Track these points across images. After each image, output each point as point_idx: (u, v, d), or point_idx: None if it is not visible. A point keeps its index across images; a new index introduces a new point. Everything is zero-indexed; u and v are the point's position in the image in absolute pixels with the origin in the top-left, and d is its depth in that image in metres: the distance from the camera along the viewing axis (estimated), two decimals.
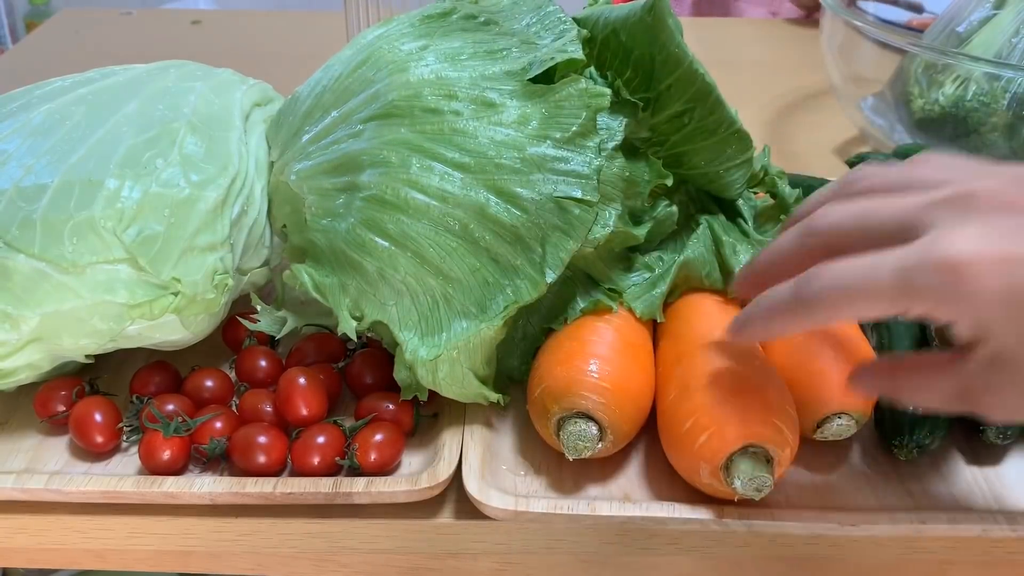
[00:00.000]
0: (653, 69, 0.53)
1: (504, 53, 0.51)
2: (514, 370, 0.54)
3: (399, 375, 0.50)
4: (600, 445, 0.47)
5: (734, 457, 0.44)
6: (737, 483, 0.44)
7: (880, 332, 0.54)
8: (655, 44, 0.52)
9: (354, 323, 0.50)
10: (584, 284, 0.53)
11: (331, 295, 0.50)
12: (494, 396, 0.51)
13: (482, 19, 0.53)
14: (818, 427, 0.49)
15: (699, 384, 0.47)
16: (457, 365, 0.49)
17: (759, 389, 0.47)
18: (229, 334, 0.57)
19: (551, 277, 0.47)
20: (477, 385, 0.50)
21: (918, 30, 0.81)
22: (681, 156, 0.55)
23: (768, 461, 0.45)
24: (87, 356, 0.52)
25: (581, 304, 0.52)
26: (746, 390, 0.46)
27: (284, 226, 0.56)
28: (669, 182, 0.54)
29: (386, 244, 0.48)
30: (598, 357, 0.48)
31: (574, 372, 0.48)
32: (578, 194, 0.47)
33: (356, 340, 0.53)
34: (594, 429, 0.47)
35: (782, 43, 1.12)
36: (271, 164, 0.57)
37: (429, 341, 0.48)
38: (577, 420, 0.47)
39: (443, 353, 0.48)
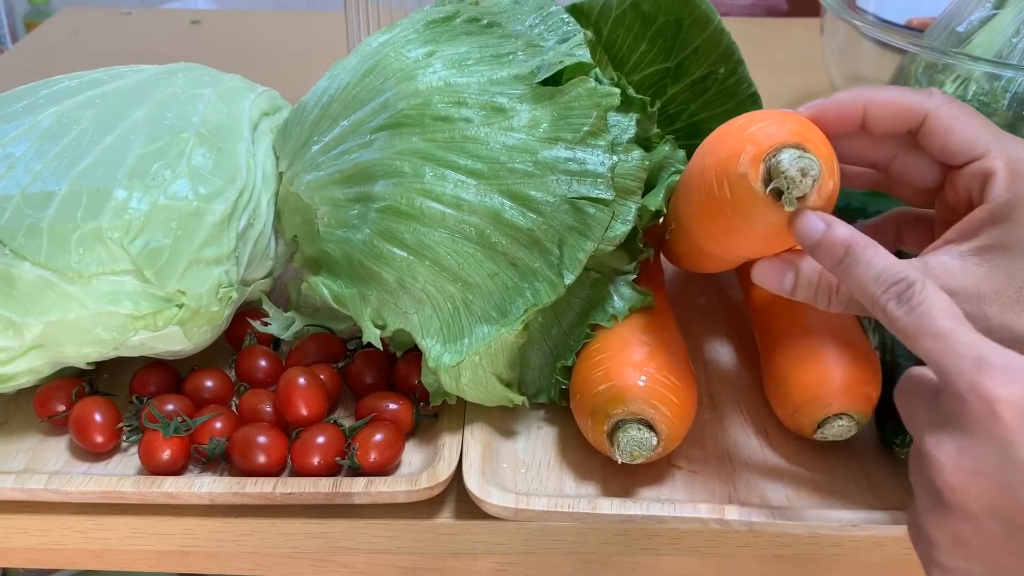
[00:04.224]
0: (679, 33, 0.54)
1: (510, 57, 0.51)
2: (544, 373, 0.53)
3: (426, 379, 0.50)
4: (651, 454, 0.47)
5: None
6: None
7: (882, 332, 0.54)
8: (686, 6, 0.53)
9: (378, 332, 0.50)
10: (615, 281, 0.52)
11: (352, 305, 0.50)
12: (519, 399, 0.51)
13: (485, 22, 0.53)
14: (819, 428, 0.49)
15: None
16: (480, 370, 0.49)
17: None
18: (232, 332, 0.57)
19: (569, 279, 0.47)
20: (501, 389, 0.50)
21: (918, 30, 0.81)
22: (698, 125, 0.56)
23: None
24: (88, 363, 0.53)
25: (619, 302, 0.51)
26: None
27: (295, 236, 0.56)
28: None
29: (403, 254, 0.48)
30: (669, 367, 0.48)
31: (647, 378, 0.47)
32: (593, 194, 0.47)
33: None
34: (654, 440, 0.46)
35: (782, 43, 1.12)
36: (279, 175, 0.56)
37: (451, 347, 0.48)
38: (640, 427, 0.46)
39: (465, 359, 0.48)
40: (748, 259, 0.47)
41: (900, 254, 0.57)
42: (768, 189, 0.41)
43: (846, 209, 0.62)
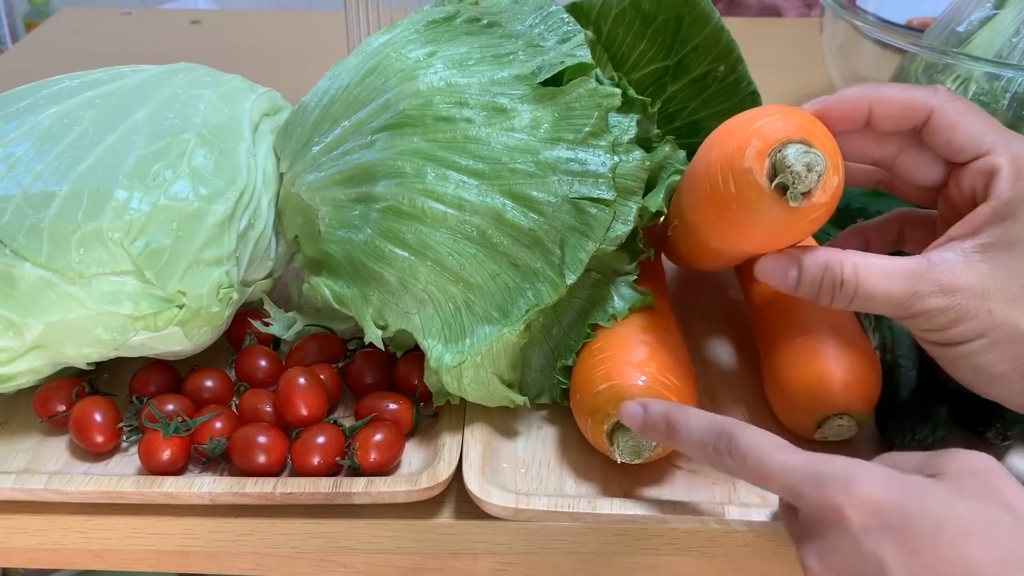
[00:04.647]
0: (679, 31, 0.55)
1: (511, 57, 0.51)
2: (545, 374, 0.53)
3: (428, 380, 0.50)
4: (651, 454, 0.47)
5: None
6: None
7: (882, 332, 0.54)
8: (686, 4, 0.54)
9: (379, 332, 0.50)
10: (616, 281, 0.52)
11: (354, 306, 0.50)
12: (520, 399, 0.51)
13: (485, 22, 0.53)
14: (819, 427, 0.49)
15: None
16: (481, 370, 0.49)
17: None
18: (232, 332, 0.57)
19: (571, 279, 0.47)
20: (503, 389, 0.50)
21: (918, 30, 0.81)
22: (698, 124, 0.56)
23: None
24: (88, 363, 0.53)
25: (619, 302, 0.51)
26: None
27: (296, 237, 0.56)
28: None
29: (405, 254, 0.48)
30: (670, 368, 0.48)
31: (649, 378, 0.47)
32: (594, 194, 0.47)
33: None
34: (654, 441, 0.46)
35: (782, 43, 1.12)
36: (280, 175, 0.56)
37: (453, 348, 0.48)
38: None
39: (467, 359, 0.48)
40: (752, 255, 0.47)
41: (901, 254, 0.57)
42: (773, 184, 0.41)
43: (846, 209, 0.62)
